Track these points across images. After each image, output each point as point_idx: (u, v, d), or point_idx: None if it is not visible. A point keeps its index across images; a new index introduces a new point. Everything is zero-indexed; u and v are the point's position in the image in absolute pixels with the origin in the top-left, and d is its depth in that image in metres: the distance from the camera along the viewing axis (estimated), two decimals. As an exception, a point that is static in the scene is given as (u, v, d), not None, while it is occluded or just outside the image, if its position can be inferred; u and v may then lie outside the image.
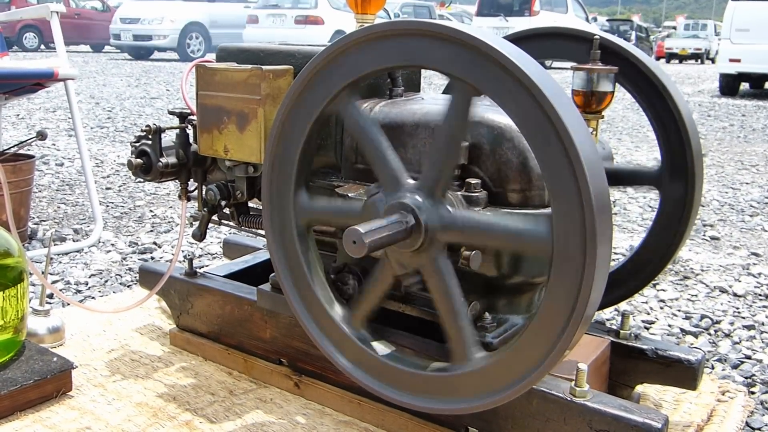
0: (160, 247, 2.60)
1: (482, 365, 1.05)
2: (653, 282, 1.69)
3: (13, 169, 2.40)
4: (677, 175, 1.32)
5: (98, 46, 17.52)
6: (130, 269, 2.34)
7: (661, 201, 1.35)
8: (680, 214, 1.33)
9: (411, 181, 1.07)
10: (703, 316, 2.06)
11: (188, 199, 1.56)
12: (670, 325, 2.01)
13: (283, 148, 1.18)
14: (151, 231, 2.81)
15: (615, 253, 2.63)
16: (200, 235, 1.51)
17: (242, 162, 1.37)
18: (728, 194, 3.81)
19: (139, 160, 1.44)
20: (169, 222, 2.95)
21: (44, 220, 2.92)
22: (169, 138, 1.48)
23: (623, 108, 7.79)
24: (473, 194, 1.10)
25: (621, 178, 1.39)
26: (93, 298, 2.09)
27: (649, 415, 1.06)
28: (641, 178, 1.41)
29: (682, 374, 1.30)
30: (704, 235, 2.98)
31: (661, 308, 2.14)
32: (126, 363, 1.54)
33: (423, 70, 1.38)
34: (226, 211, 1.49)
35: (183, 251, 2.53)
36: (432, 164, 1.05)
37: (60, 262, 2.38)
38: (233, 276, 1.64)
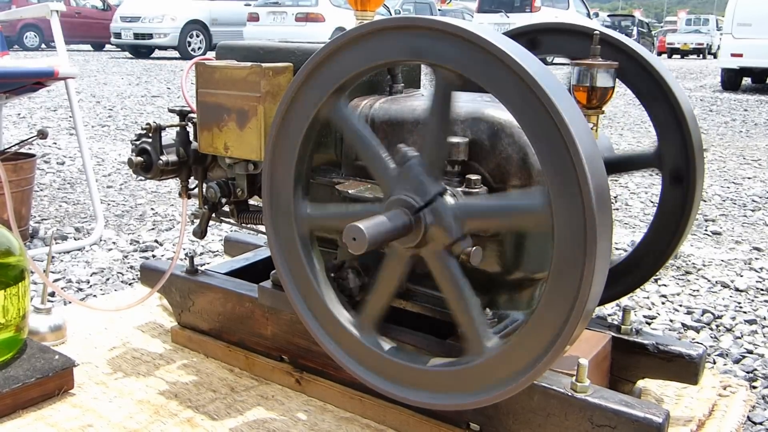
0: (161, 244, 2.60)
1: (494, 354, 1.04)
2: (655, 277, 1.69)
3: (15, 168, 2.40)
4: (678, 170, 1.31)
5: (99, 44, 17.52)
6: (131, 267, 2.35)
7: (662, 196, 1.35)
8: (681, 209, 1.32)
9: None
10: (704, 311, 2.06)
11: (189, 197, 1.56)
12: (671, 320, 2.01)
13: (283, 145, 1.18)
14: (153, 229, 2.81)
15: (616, 248, 2.63)
16: (201, 233, 1.51)
17: (242, 160, 1.37)
18: (730, 189, 3.80)
19: (139, 158, 1.44)
20: (171, 220, 2.95)
21: (45, 219, 2.92)
22: (169, 136, 1.48)
23: (624, 103, 7.78)
24: (473, 190, 1.09)
25: (621, 165, 1.39)
26: (94, 296, 2.09)
27: (651, 409, 1.06)
28: (641, 162, 1.40)
29: (684, 369, 1.30)
30: (706, 230, 2.97)
31: (663, 303, 2.14)
32: (127, 360, 1.55)
33: (423, 66, 1.38)
34: (227, 208, 1.49)
35: (184, 249, 2.53)
36: (423, 157, 1.06)
37: (61, 261, 2.39)
38: (234, 273, 1.64)
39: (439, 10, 20.15)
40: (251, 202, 1.49)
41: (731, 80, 10.29)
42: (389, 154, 1.10)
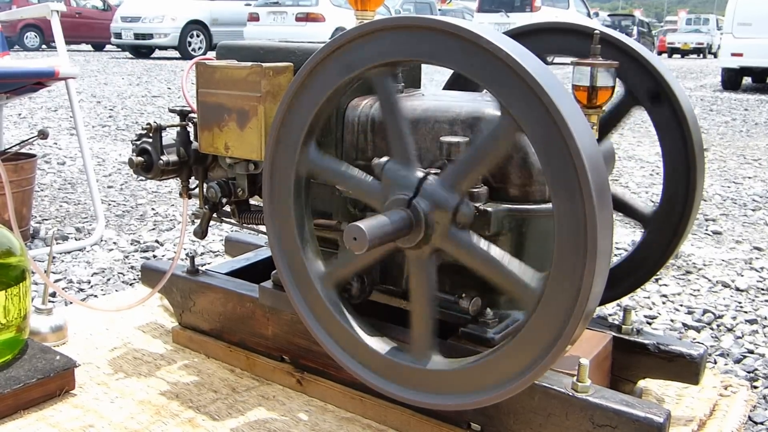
0: (162, 245, 2.61)
1: (437, 368, 1.06)
2: (655, 277, 1.69)
3: (15, 168, 2.40)
4: (678, 170, 1.31)
5: (99, 44, 17.53)
6: (132, 267, 2.35)
7: (663, 195, 1.35)
8: (682, 209, 1.32)
9: (425, 177, 1.07)
10: (705, 311, 2.06)
11: (189, 197, 1.56)
12: (672, 320, 2.01)
13: (283, 145, 1.18)
14: (153, 229, 2.81)
15: (617, 248, 2.63)
16: (202, 233, 1.51)
17: (243, 159, 1.37)
18: (731, 189, 3.80)
19: (140, 158, 1.44)
20: (171, 220, 2.95)
21: (46, 219, 2.92)
22: (170, 136, 1.48)
23: (625, 103, 7.77)
24: (474, 190, 1.09)
25: (609, 125, 1.38)
26: (95, 296, 2.09)
27: (651, 409, 1.06)
28: (623, 109, 1.38)
29: (685, 369, 1.30)
30: (707, 230, 2.97)
31: (664, 303, 2.14)
32: (129, 361, 1.55)
33: (423, 66, 1.38)
34: (228, 208, 1.49)
35: (185, 249, 2.53)
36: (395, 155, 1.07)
37: (62, 261, 2.39)
38: (235, 273, 1.64)
39: (439, 9, 20.15)
40: (251, 201, 1.49)
41: (731, 80, 10.29)
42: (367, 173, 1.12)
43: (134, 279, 2.24)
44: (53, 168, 3.92)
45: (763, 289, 2.27)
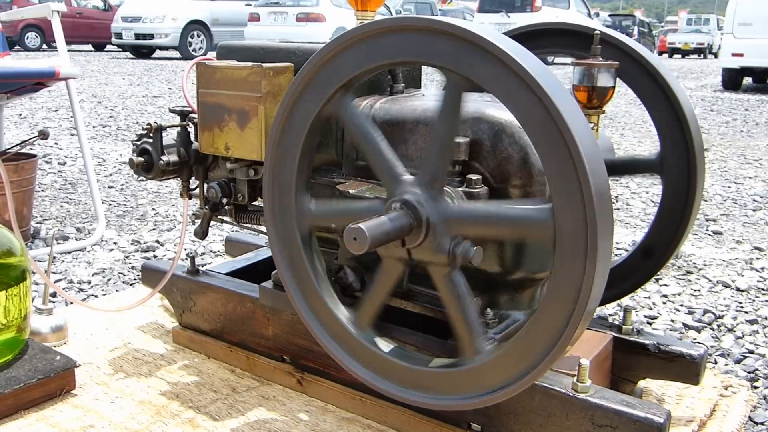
0: (162, 245, 2.61)
1: (490, 358, 1.04)
2: (656, 277, 1.69)
3: (16, 168, 2.40)
4: (679, 170, 1.31)
5: (100, 45, 17.54)
6: (132, 267, 2.35)
7: (663, 196, 1.35)
8: (682, 208, 1.32)
9: (410, 177, 1.07)
10: (705, 311, 2.06)
11: (190, 197, 1.56)
12: (672, 320, 2.01)
13: (284, 145, 1.18)
14: (154, 229, 2.81)
15: (618, 248, 2.63)
16: (202, 233, 1.51)
17: (243, 164, 1.37)
18: (731, 189, 3.80)
19: (140, 159, 1.44)
20: (172, 220, 2.95)
21: (47, 219, 2.92)
22: (170, 136, 1.48)
23: (626, 103, 7.78)
24: (474, 190, 1.10)
25: (622, 168, 1.39)
26: (96, 296, 2.09)
27: (652, 410, 1.06)
28: (642, 167, 1.40)
29: (685, 369, 1.30)
30: (707, 230, 2.97)
31: (664, 303, 2.14)
32: (129, 361, 1.55)
33: (424, 67, 1.38)
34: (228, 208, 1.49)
35: (185, 249, 2.53)
36: (428, 159, 1.06)
37: (63, 261, 2.39)
38: (235, 273, 1.64)
39: (440, 10, 20.16)
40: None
41: (732, 80, 10.29)
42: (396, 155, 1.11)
43: (135, 279, 2.24)
44: (54, 168, 3.92)
45: (763, 289, 2.27)
